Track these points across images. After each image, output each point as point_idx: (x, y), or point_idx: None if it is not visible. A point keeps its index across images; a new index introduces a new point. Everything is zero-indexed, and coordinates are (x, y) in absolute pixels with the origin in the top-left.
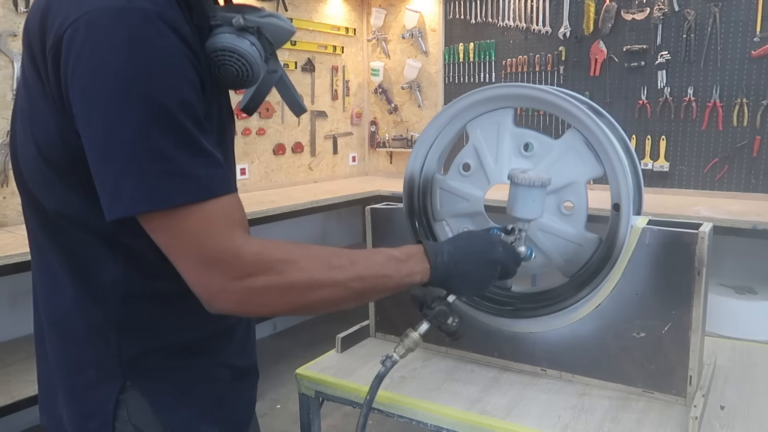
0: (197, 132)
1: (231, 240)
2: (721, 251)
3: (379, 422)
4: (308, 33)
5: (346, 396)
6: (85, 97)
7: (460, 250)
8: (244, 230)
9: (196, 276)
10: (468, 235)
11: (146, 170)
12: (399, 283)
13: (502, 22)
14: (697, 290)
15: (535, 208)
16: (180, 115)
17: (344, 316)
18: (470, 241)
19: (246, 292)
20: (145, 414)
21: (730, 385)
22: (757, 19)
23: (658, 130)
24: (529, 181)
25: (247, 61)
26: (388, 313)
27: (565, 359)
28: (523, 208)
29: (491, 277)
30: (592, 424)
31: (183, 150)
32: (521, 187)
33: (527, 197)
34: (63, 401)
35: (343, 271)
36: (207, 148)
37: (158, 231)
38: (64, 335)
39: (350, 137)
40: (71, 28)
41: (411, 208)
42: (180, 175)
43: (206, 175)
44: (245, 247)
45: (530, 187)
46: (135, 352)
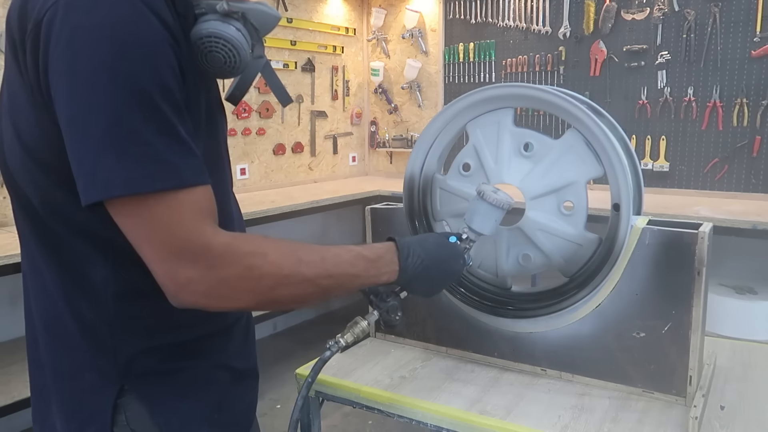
0: (176, 119)
1: (201, 231)
2: (721, 251)
3: (379, 422)
4: (308, 33)
5: (346, 396)
6: (64, 81)
7: (430, 255)
8: (214, 222)
9: (162, 266)
10: (436, 239)
11: (122, 154)
12: (365, 282)
13: (502, 22)
14: (697, 290)
15: (492, 226)
16: (159, 101)
17: (344, 316)
18: (439, 247)
19: (214, 285)
20: (143, 418)
21: (730, 385)
22: (757, 19)
23: (658, 130)
24: (498, 202)
25: (234, 46)
26: None
27: (565, 359)
28: (483, 224)
29: (447, 284)
30: (592, 424)
31: (160, 136)
32: (486, 204)
33: (489, 215)
34: (57, 408)
35: (313, 267)
36: (184, 137)
37: (127, 216)
38: (57, 338)
39: (350, 137)
40: (50, 11)
41: (411, 208)
42: (156, 161)
43: (182, 164)
44: (215, 239)
45: (495, 207)
46: (130, 353)
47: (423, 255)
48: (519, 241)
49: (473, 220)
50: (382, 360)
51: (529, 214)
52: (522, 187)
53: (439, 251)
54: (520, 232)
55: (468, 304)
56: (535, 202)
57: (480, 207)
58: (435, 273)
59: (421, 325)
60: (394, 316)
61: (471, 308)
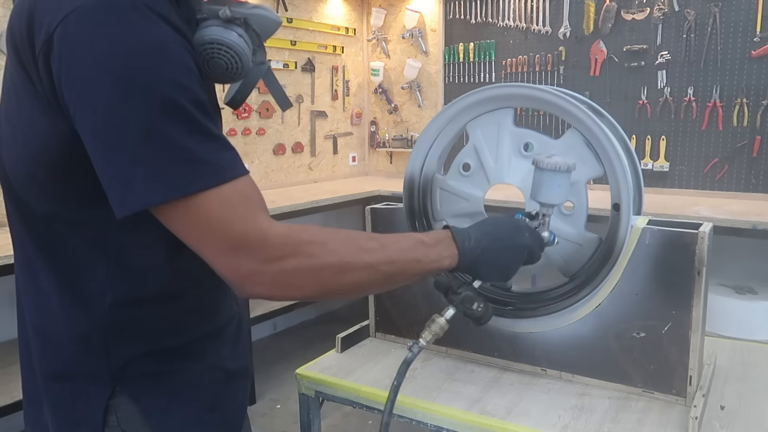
0: (203, 118)
1: (255, 223)
2: (721, 251)
3: (379, 422)
4: (308, 33)
5: (346, 396)
6: (85, 93)
7: (487, 235)
8: (266, 213)
9: (224, 262)
10: (494, 220)
11: (157, 160)
12: (427, 268)
13: (502, 22)
14: (697, 290)
15: (560, 193)
16: (184, 102)
17: (344, 316)
18: (497, 226)
19: (278, 275)
20: (135, 420)
21: (730, 385)
22: (757, 19)
23: (658, 130)
24: (555, 166)
25: (236, 53)
26: (388, 313)
27: (565, 359)
28: (548, 193)
29: (518, 262)
30: (592, 424)
31: (192, 136)
32: (546, 172)
33: (552, 182)
34: (49, 410)
35: (374, 253)
36: (215, 133)
37: (178, 222)
38: (50, 343)
39: (350, 137)
40: (62, 24)
41: (411, 208)
42: (192, 161)
43: (219, 159)
44: (272, 230)
45: (556, 172)
46: (124, 358)
47: (480, 236)
48: None
49: (539, 193)
50: (382, 360)
51: None
52: (522, 187)
53: (497, 230)
54: None
55: None
56: (535, 202)
57: (540, 177)
58: (496, 254)
59: (421, 325)
60: (473, 307)
61: None
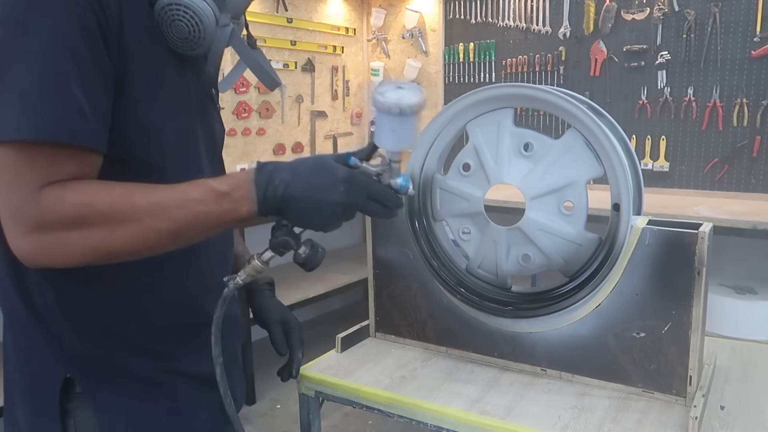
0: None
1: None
2: (721, 251)
3: (379, 422)
4: (308, 33)
5: (346, 396)
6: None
7: (299, 180)
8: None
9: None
10: (314, 163)
11: None
12: (223, 220)
13: (502, 22)
14: (697, 290)
15: (392, 138)
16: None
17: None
18: (312, 173)
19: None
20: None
21: (730, 385)
22: (757, 19)
23: (658, 130)
24: (385, 107)
25: (196, 13)
26: (388, 313)
27: (565, 359)
28: (381, 136)
29: (333, 217)
30: (592, 424)
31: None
32: (379, 113)
33: (383, 124)
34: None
35: (149, 211)
36: (75, 94)
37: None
38: (14, 324)
39: (350, 137)
40: None
41: (411, 208)
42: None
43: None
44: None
45: (385, 114)
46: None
47: (290, 179)
48: (519, 241)
49: (376, 135)
50: (382, 360)
51: (529, 214)
52: (522, 187)
53: (311, 178)
54: (520, 232)
55: (468, 304)
56: (535, 202)
57: (378, 118)
58: (306, 204)
59: (421, 325)
60: (298, 252)
61: (471, 308)
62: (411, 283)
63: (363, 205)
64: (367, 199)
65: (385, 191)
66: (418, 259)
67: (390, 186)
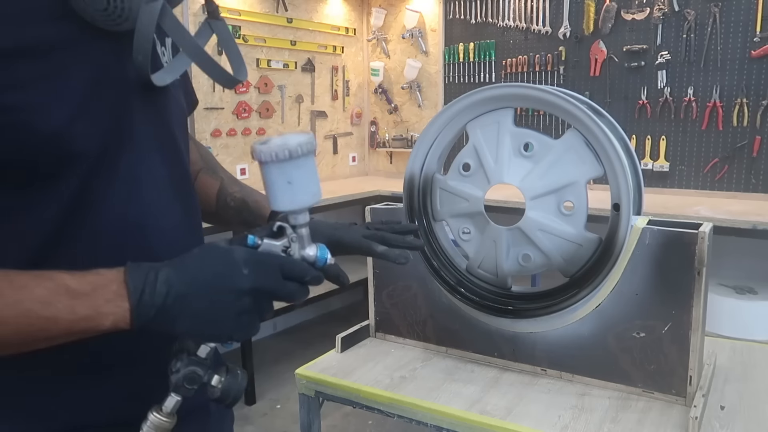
0: None
1: None
2: (721, 251)
3: (379, 422)
4: (308, 33)
5: (346, 396)
6: None
7: (184, 278)
8: None
9: None
10: (200, 253)
11: None
12: (75, 329)
13: (502, 22)
14: (697, 290)
15: (294, 191)
16: None
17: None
18: (203, 262)
19: None
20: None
21: (730, 385)
22: (757, 19)
23: (658, 130)
24: (271, 154)
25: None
26: (388, 313)
27: (565, 359)
28: (274, 196)
29: (236, 311)
30: (592, 424)
31: None
32: (264, 165)
33: (272, 179)
34: None
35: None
36: None
37: None
38: None
39: (350, 137)
40: None
41: (411, 208)
42: None
43: None
44: None
45: (269, 163)
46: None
47: (174, 279)
48: (519, 241)
49: (269, 197)
50: (382, 360)
51: (529, 214)
52: (522, 187)
53: (203, 268)
54: (520, 232)
55: (468, 304)
56: (535, 202)
57: (266, 174)
58: (202, 304)
59: (421, 325)
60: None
61: (471, 308)
62: (411, 283)
63: (277, 288)
64: (282, 279)
65: (300, 266)
66: (418, 259)
67: (304, 259)
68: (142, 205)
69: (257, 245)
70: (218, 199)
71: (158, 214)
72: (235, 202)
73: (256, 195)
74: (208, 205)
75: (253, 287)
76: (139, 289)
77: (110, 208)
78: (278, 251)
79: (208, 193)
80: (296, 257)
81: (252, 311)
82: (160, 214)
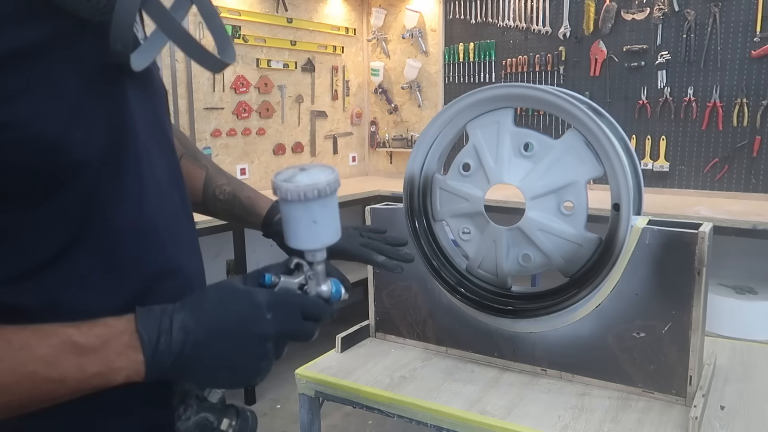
0: None
1: None
2: (721, 251)
3: (379, 422)
4: (308, 33)
5: (346, 396)
6: None
7: (203, 324)
8: None
9: None
10: (217, 295)
11: None
12: (82, 388)
13: (502, 22)
14: (697, 290)
15: (318, 231)
16: None
17: (344, 316)
18: (221, 306)
19: None
20: None
21: (730, 385)
22: (757, 19)
23: (658, 130)
24: (298, 193)
25: None
26: (388, 313)
27: (565, 359)
28: (294, 233)
29: (259, 358)
30: (592, 424)
31: None
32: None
33: (302, 217)
34: None
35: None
36: None
37: None
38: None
39: (350, 137)
40: None
41: (411, 208)
42: None
43: None
44: None
45: (293, 202)
46: None
47: (189, 325)
48: (519, 241)
49: (288, 236)
50: (382, 360)
51: (529, 214)
52: (522, 187)
53: (220, 312)
54: (520, 232)
55: (468, 304)
56: (535, 202)
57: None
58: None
59: (421, 325)
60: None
61: (471, 308)
62: (411, 283)
63: (298, 330)
64: (302, 321)
65: (319, 306)
66: (418, 259)
67: (319, 295)
68: (150, 207)
69: (274, 284)
70: (205, 190)
71: (165, 211)
72: (224, 195)
73: (246, 190)
74: (193, 195)
75: (276, 332)
76: (154, 339)
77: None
78: (295, 289)
79: (193, 182)
80: (312, 294)
81: (270, 356)
82: (167, 210)
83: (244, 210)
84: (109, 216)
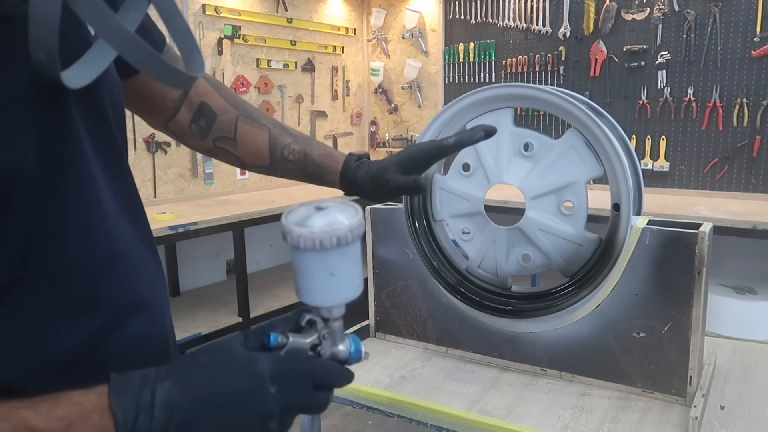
0: None
1: None
2: (721, 251)
3: (379, 422)
4: (308, 33)
5: (346, 396)
6: None
7: (192, 399)
8: None
9: None
10: (211, 362)
11: None
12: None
13: (502, 22)
14: (697, 290)
15: (337, 285)
16: None
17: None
18: (215, 378)
19: None
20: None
21: (730, 385)
22: (757, 19)
23: (658, 130)
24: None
25: None
26: (388, 313)
27: (565, 359)
28: (307, 287)
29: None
30: (592, 424)
31: None
32: (297, 252)
33: (318, 268)
34: None
35: None
36: None
37: None
38: None
39: (350, 137)
40: None
41: (411, 208)
42: None
43: None
44: None
45: (319, 252)
46: None
47: (176, 393)
48: (519, 241)
49: (300, 289)
50: (382, 360)
51: (529, 214)
52: (522, 187)
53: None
54: (520, 232)
55: (468, 304)
56: (535, 202)
57: (300, 261)
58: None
59: (421, 325)
60: None
61: (471, 308)
62: (411, 283)
63: (307, 404)
64: (313, 391)
65: (333, 372)
66: (418, 259)
67: (334, 357)
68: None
69: (281, 345)
70: (272, 152)
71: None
72: (294, 155)
73: (316, 147)
74: (259, 158)
75: (281, 408)
76: (130, 419)
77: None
78: (306, 350)
79: (257, 146)
80: (326, 356)
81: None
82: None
83: (317, 169)
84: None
